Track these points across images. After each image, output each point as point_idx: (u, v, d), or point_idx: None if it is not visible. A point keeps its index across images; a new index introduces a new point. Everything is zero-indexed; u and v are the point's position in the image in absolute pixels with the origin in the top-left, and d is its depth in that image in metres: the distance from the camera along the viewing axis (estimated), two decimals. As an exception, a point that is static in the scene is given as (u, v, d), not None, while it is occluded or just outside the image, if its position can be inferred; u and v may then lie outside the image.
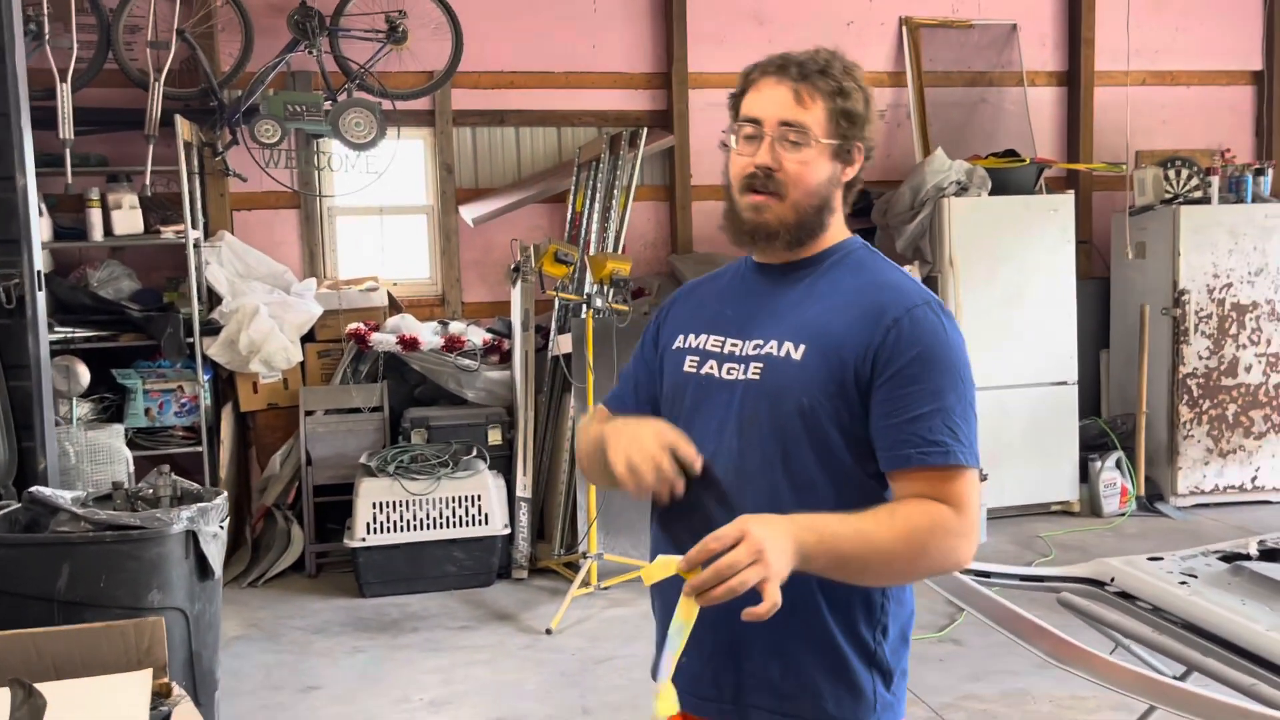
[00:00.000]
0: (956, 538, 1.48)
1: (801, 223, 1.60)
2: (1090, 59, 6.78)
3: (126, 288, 5.52)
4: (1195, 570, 2.51)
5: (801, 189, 1.58)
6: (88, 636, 2.53)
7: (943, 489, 1.49)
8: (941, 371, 1.53)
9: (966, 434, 1.52)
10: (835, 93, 1.59)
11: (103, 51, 5.37)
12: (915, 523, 1.46)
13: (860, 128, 1.61)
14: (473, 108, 6.16)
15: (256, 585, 5.22)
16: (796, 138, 1.57)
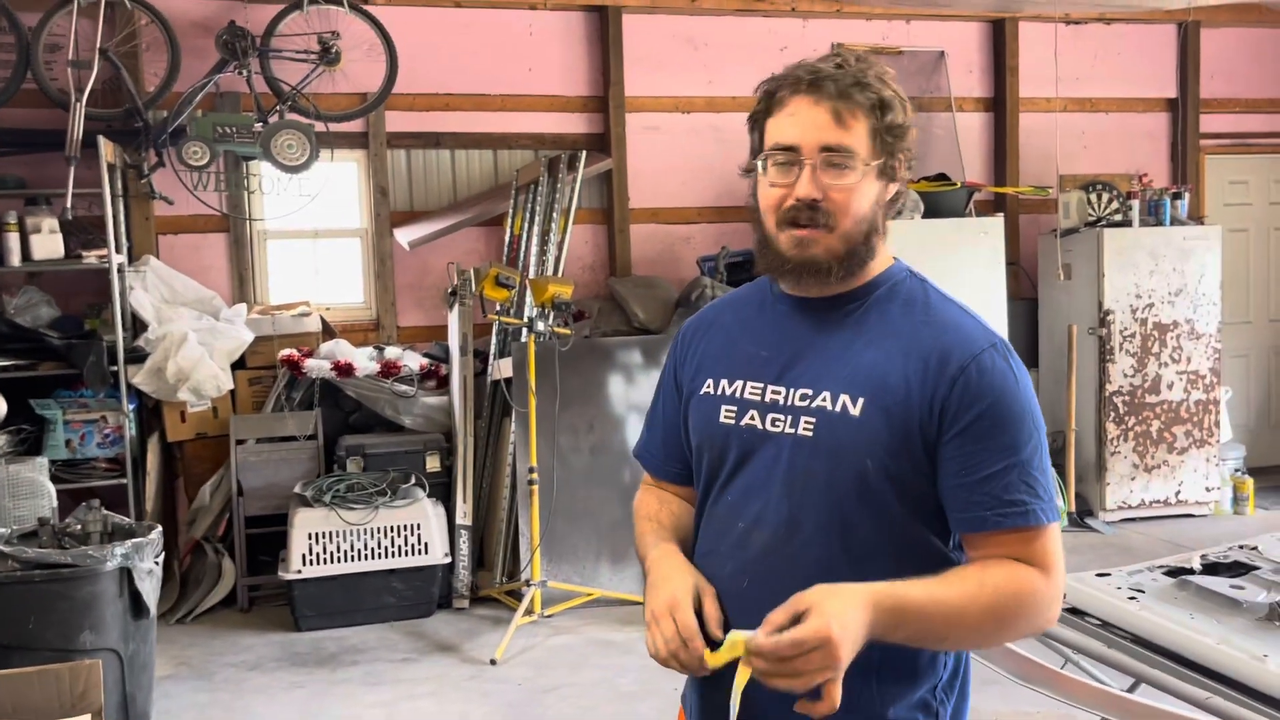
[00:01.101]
0: (1048, 602, 1.36)
1: (852, 252, 1.44)
2: (1015, 86, 6.97)
3: (45, 314, 5.31)
4: (1142, 585, 2.56)
5: (851, 218, 1.42)
6: (18, 682, 2.41)
7: (1027, 551, 1.35)
8: (1015, 423, 1.37)
9: (1045, 487, 1.38)
10: (876, 106, 1.42)
11: (21, 70, 5.19)
12: (1003, 590, 1.33)
13: (904, 139, 1.46)
14: (407, 130, 6.09)
15: (185, 621, 5.04)
16: (841, 160, 1.40)
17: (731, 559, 1.45)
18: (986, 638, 1.38)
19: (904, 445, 1.37)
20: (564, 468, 5.17)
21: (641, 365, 5.39)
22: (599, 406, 5.30)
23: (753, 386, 1.47)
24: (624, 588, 5.14)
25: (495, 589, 5.26)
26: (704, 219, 6.65)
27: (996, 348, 1.42)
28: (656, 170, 6.52)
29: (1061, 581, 1.39)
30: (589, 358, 5.33)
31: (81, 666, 2.44)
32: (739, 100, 6.66)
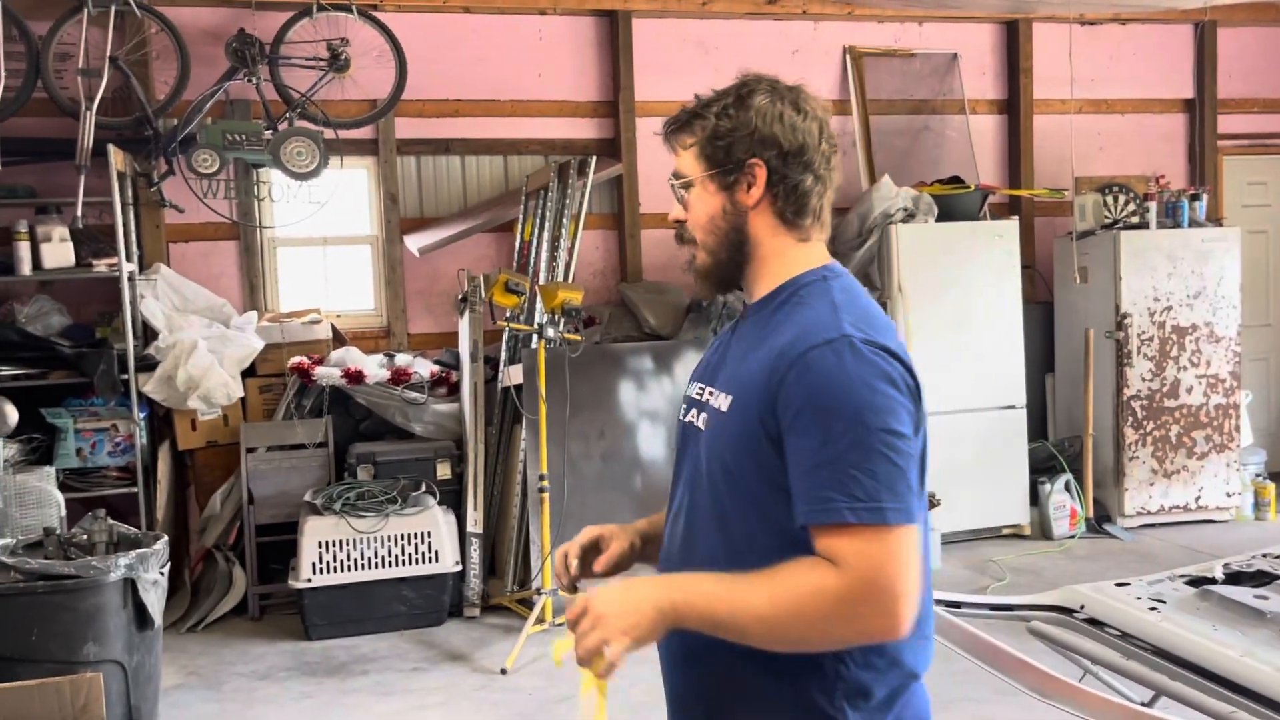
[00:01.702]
0: (838, 603, 1.30)
1: (716, 261, 1.53)
2: (1029, 88, 6.91)
3: (56, 323, 5.31)
4: (1163, 595, 2.50)
5: (700, 229, 1.53)
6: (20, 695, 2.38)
7: (830, 548, 1.32)
8: (831, 418, 1.33)
9: (864, 485, 1.31)
10: (695, 123, 1.52)
11: (31, 79, 5.19)
12: (792, 584, 1.32)
13: (741, 143, 1.48)
14: (417, 136, 6.08)
15: (196, 630, 5.02)
16: (680, 184, 1.54)
17: (665, 545, 1.60)
18: (785, 634, 1.33)
19: (757, 439, 1.39)
20: (575, 474, 5.13)
21: (652, 371, 5.35)
22: (610, 413, 5.26)
23: (697, 386, 1.59)
24: (636, 596, 5.09)
25: (506, 597, 5.22)
26: (715, 224, 6.59)
27: (833, 343, 1.38)
28: (667, 175, 6.45)
29: (860, 584, 1.30)
30: (600, 364, 5.29)
31: (83, 679, 2.41)
32: (750, 104, 6.61)
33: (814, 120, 1.52)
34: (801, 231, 1.52)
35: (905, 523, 1.32)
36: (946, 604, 2.48)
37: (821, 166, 1.51)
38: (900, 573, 1.31)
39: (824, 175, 1.52)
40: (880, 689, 1.42)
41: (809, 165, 1.50)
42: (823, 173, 1.52)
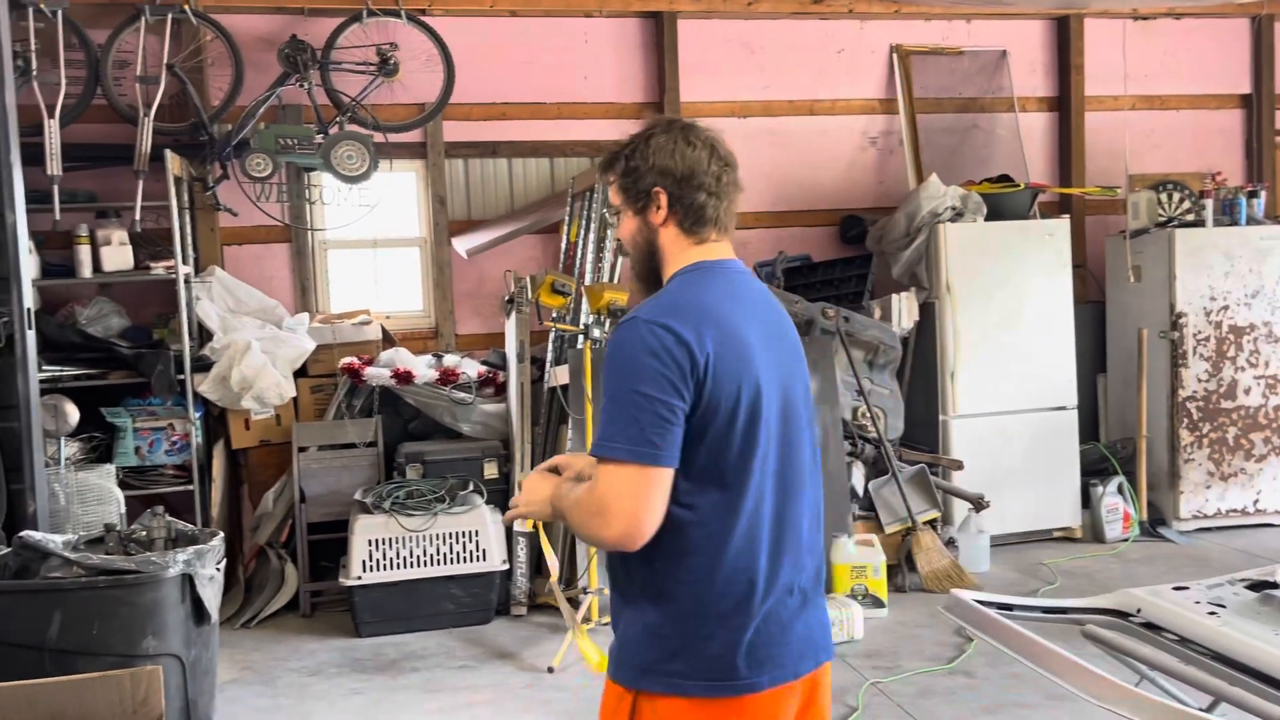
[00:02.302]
0: (588, 514, 1.74)
1: (641, 268, 1.95)
2: (1080, 84, 6.81)
3: (116, 325, 5.43)
4: (1223, 600, 2.45)
5: (627, 244, 1.95)
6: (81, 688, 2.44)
7: (596, 471, 1.75)
8: (607, 377, 1.76)
9: (608, 429, 1.72)
10: (619, 166, 1.91)
11: (91, 87, 5.32)
12: (579, 495, 1.79)
13: (646, 176, 1.87)
14: (465, 139, 6.13)
15: (250, 626, 5.11)
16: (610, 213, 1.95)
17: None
18: (575, 528, 1.83)
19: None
20: (621, 475, 5.14)
21: (698, 372, 5.34)
22: (656, 414, 5.26)
23: None
24: (682, 596, 5.09)
25: (547, 596, 5.24)
26: (761, 224, 6.59)
27: (627, 322, 1.77)
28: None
29: (600, 502, 1.71)
30: (645, 365, 5.29)
31: (143, 672, 2.47)
32: (795, 104, 6.60)
33: (702, 148, 1.89)
34: (700, 237, 1.90)
35: (636, 462, 1.69)
36: (998, 606, 2.45)
37: (712, 184, 1.88)
38: (619, 499, 1.70)
39: (717, 190, 1.89)
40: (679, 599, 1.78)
41: (701, 186, 1.87)
42: (715, 189, 1.89)
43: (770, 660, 1.77)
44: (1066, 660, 2.12)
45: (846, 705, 3.96)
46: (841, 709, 3.94)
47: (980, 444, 5.90)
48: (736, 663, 1.75)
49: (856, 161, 6.71)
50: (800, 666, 1.82)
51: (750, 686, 1.76)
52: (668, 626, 1.77)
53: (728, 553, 1.76)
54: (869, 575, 4.91)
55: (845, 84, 6.65)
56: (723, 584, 1.76)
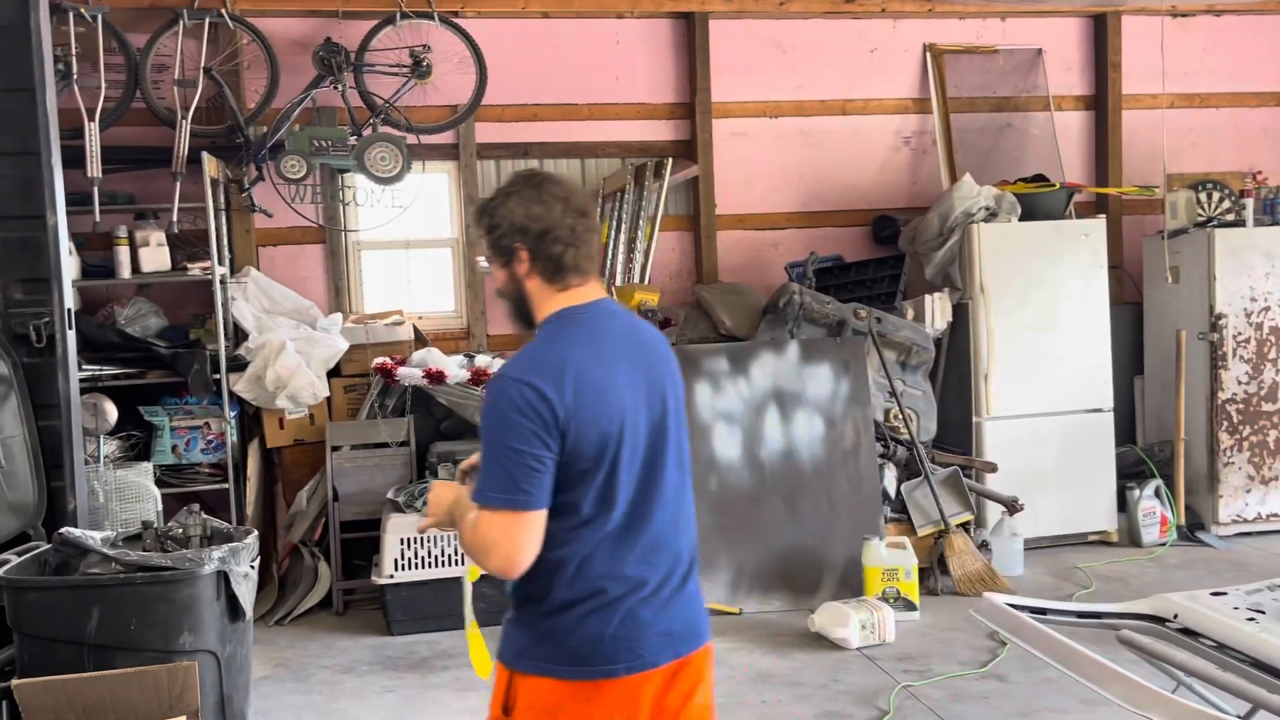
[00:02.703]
0: (474, 549, 1.97)
1: (515, 313, 2.13)
2: (1117, 82, 6.73)
3: (153, 325, 5.51)
4: (1262, 605, 2.41)
5: (501, 292, 2.13)
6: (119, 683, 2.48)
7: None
8: (483, 433, 1.96)
9: (486, 480, 1.94)
10: (483, 225, 2.09)
11: (130, 90, 5.40)
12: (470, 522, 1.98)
13: (506, 236, 2.04)
14: (497, 140, 6.16)
15: (283, 623, 5.16)
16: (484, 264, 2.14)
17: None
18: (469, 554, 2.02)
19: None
20: (651, 476, 5.14)
21: (728, 372, 5.34)
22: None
23: None
24: (712, 596, 5.09)
25: (583, 597, 5.26)
26: (792, 224, 6.57)
27: (501, 378, 1.96)
28: (743, 176, 6.46)
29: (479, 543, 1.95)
30: (676, 365, 5.30)
31: (179, 668, 2.51)
32: (828, 104, 6.57)
33: (555, 202, 2.03)
34: (561, 284, 2.06)
35: (511, 509, 1.92)
36: (1031, 610, 2.42)
37: (568, 235, 2.02)
38: (497, 542, 1.93)
39: (573, 240, 2.03)
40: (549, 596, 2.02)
41: (557, 239, 2.01)
42: (570, 239, 2.02)
43: (628, 652, 2.02)
44: (1101, 666, 2.09)
45: (877, 708, 3.94)
46: (873, 712, 3.92)
47: (1014, 446, 5.85)
48: (595, 652, 2.01)
49: (889, 162, 6.67)
50: (660, 657, 2.05)
51: (608, 673, 2.01)
52: (539, 621, 2.04)
53: (592, 566, 2.00)
54: (900, 578, 4.88)
55: (878, 83, 6.61)
56: (584, 591, 2.01)
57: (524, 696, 2.05)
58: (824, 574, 5.18)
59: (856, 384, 5.42)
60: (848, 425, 5.38)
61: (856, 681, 4.19)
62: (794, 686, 4.18)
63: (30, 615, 2.95)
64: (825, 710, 3.94)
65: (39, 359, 3.76)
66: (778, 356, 5.40)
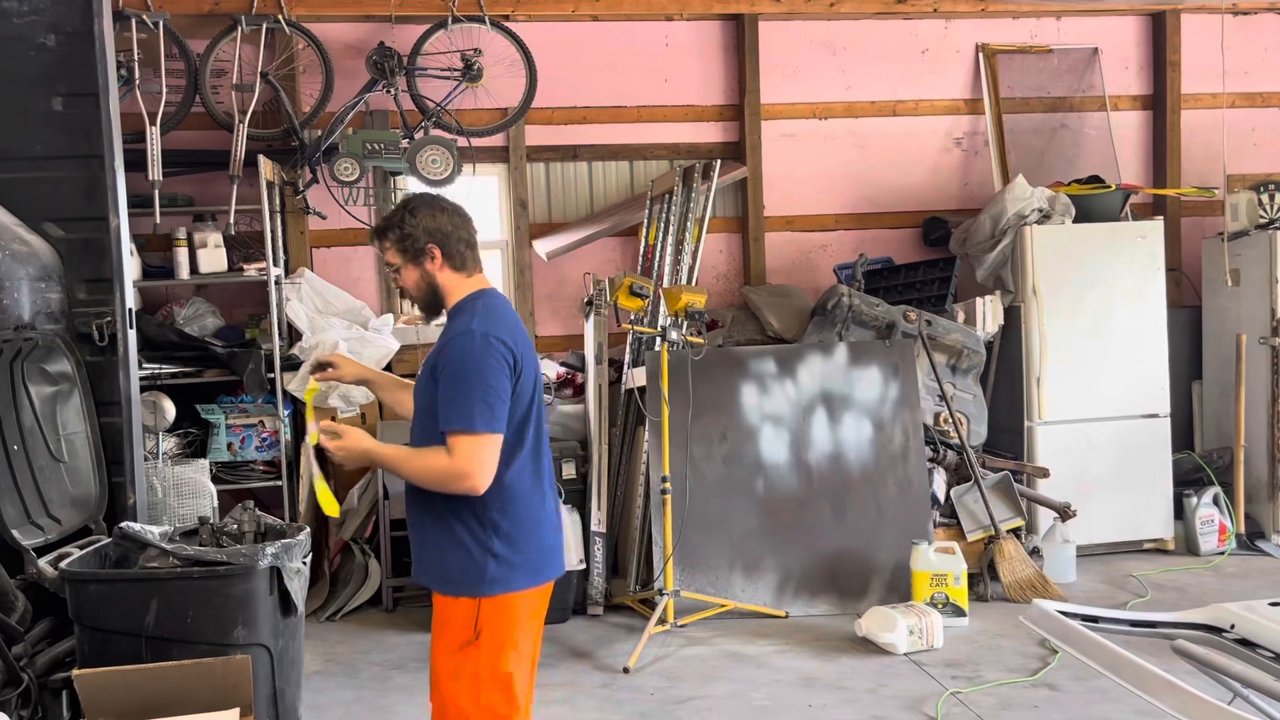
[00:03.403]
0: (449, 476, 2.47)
1: (426, 302, 2.67)
2: (1176, 82, 6.60)
3: (211, 324, 5.63)
4: (1323, 617, 2.35)
5: (412, 288, 2.66)
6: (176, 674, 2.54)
7: (448, 442, 2.47)
8: (456, 374, 2.47)
9: (463, 410, 2.44)
10: (393, 234, 2.62)
11: (190, 95, 5.52)
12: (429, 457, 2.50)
13: (420, 237, 2.58)
14: (546, 143, 6.21)
15: (334, 619, 5.24)
16: (392, 269, 2.66)
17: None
18: (419, 480, 2.53)
19: (432, 386, 2.53)
20: (697, 477, 5.15)
21: (775, 374, 5.32)
22: (732, 416, 5.26)
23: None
24: (758, 600, 5.08)
25: (629, 597, 5.28)
26: (841, 226, 6.53)
27: (470, 331, 2.50)
28: (792, 177, 6.44)
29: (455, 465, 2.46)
30: (722, 367, 5.30)
31: (234, 661, 2.56)
32: (878, 105, 6.53)
33: (453, 213, 2.64)
34: (467, 272, 2.64)
35: (489, 431, 2.45)
36: (1083, 618, 2.39)
37: (467, 236, 2.63)
38: (475, 461, 2.45)
39: (470, 240, 2.64)
40: (507, 526, 2.55)
41: (460, 238, 2.61)
42: (469, 239, 2.63)
43: (557, 556, 2.67)
44: (1156, 676, 2.06)
45: (925, 715, 3.90)
46: (920, 718, 3.88)
47: (1067, 451, 5.76)
48: (545, 560, 2.60)
49: (940, 163, 6.60)
50: (564, 559, 2.74)
51: (551, 575, 2.63)
52: (505, 543, 2.52)
53: (524, 482, 2.56)
54: (949, 583, 4.83)
55: (929, 84, 6.55)
56: (532, 506, 2.57)
57: (492, 618, 2.53)
58: (871, 578, 5.15)
59: (906, 387, 5.38)
60: (897, 429, 5.34)
61: (904, 687, 4.16)
62: (840, 691, 4.15)
63: (91, 607, 3.02)
64: (872, 715, 3.92)
65: (101, 357, 3.86)
66: (826, 359, 5.37)
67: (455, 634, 2.53)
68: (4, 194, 3.79)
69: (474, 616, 2.51)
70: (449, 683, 2.56)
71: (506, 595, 2.52)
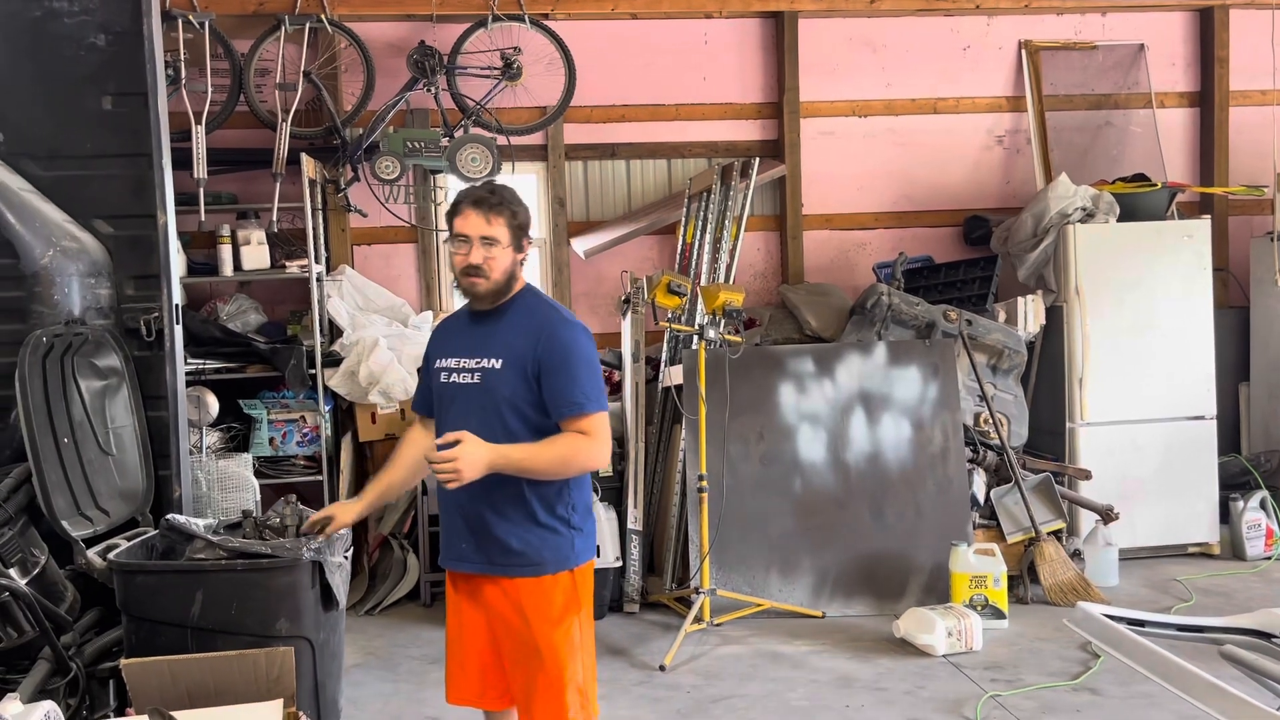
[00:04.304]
0: (588, 457, 2.63)
1: (500, 288, 2.69)
2: (1224, 78, 6.48)
3: (253, 321, 5.70)
4: (1376, 624, 2.30)
5: (497, 270, 2.66)
6: (221, 664, 2.58)
7: (579, 425, 2.62)
8: (573, 359, 2.62)
9: (590, 391, 2.62)
10: (509, 214, 2.66)
11: (235, 94, 5.59)
12: (564, 444, 2.62)
13: (526, 229, 2.69)
14: (584, 141, 6.22)
15: (373, 613, 5.29)
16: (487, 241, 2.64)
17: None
18: (559, 470, 2.63)
19: (524, 378, 2.64)
20: (734, 476, 5.14)
21: (813, 374, 5.30)
22: (769, 415, 5.25)
23: (454, 360, 2.75)
24: (794, 599, 5.06)
25: (665, 595, 5.28)
26: (880, 224, 6.49)
27: (572, 321, 2.69)
28: (831, 175, 6.41)
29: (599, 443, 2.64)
30: (759, 366, 5.28)
31: (277, 652, 2.59)
32: (919, 102, 6.48)
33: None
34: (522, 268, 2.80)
35: (605, 408, 2.66)
36: (1130, 622, 2.36)
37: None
38: (606, 436, 2.67)
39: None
40: (580, 501, 2.74)
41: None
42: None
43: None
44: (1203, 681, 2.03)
45: (963, 717, 3.87)
46: (958, 721, 3.85)
47: (1109, 453, 5.68)
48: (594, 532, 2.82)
49: (981, 161, 6.54)
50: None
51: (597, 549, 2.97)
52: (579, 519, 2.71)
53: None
54: (989, 585, 4.79)
55: (970, 81, 6.49)
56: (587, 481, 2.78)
57: (585, 585, 2.73)
58: (909, 579, 5.11)
59: (945, 387, 5.33)
60: (936, 429, 5.29)
61: (942, 689, 4.13)
62: (878, 692, 4.13)
63: (138, 597, 3.08)
64: (910, 717, 3.89)
65: (148, 352, 3.92)
66: (864, 358, 5.34)
67: (562, 611, 2.67)
68: (55, 192, 3.86)
69: (573, 587, 2.68)
70: (569, 660, 2.66)
71: (588, 563, 2.74)
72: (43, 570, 3.28)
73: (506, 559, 2.66)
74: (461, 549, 2.73)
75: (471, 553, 2.71)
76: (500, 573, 2.68)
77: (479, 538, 2.68)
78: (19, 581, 3.05)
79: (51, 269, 3.69)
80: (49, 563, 3.32)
